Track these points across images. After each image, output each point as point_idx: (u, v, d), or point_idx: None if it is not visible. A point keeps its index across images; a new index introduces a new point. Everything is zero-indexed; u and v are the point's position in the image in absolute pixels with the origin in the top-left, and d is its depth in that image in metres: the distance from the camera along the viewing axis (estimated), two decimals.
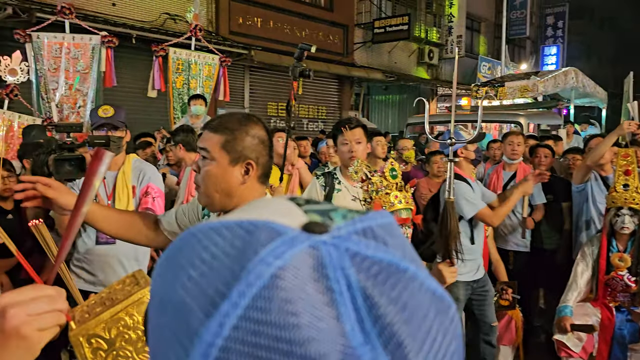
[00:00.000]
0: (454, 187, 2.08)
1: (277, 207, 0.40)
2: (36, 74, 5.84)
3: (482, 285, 3.64)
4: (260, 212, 0.39)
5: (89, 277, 2.97)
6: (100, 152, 1.23)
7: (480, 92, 9.26)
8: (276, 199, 0.42)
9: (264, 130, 1.56)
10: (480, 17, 21.94)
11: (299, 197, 0.42)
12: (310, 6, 14.51)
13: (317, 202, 0.41)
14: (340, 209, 0.40)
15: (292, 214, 0.38)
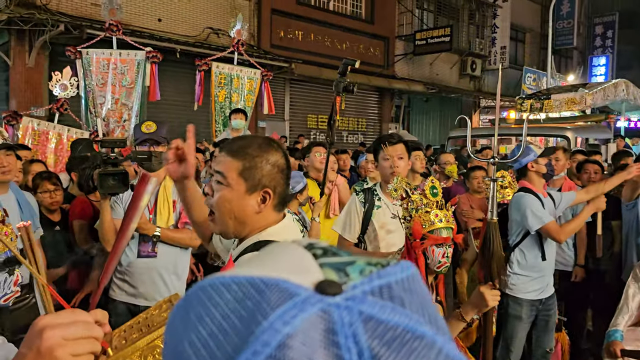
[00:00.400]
0: (496, 205, 2.00)
1: (293, 260, 0.38)
2: (85, 89, 6.04)
3: (548, 308, 3.53)
4: (274, 265, 0.37)
5: (131, 290, 3.01)
6: (145, 177, 1.24)
7: (525, 104, 9.03)
8: (293, 247, 0.40)
9: (284, 157, 1.48)
10: (525, 28, 21.51)
11: (317, 245, 0.39)
12: (351, 19, 14.56)
13: (336, 253, 0.39)
14: (360, 261, 0.37)
15: (307, 269, 0.36)
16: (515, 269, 3.47)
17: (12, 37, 8.97)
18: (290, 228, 1.52)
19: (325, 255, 0.38)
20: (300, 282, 0.34)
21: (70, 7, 9.43)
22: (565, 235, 3.43)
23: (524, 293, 3.46)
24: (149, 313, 1.04)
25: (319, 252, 0.38)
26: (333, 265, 0.36)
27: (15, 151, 2.78)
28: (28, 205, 2.84)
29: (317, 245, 0.39)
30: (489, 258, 1.91)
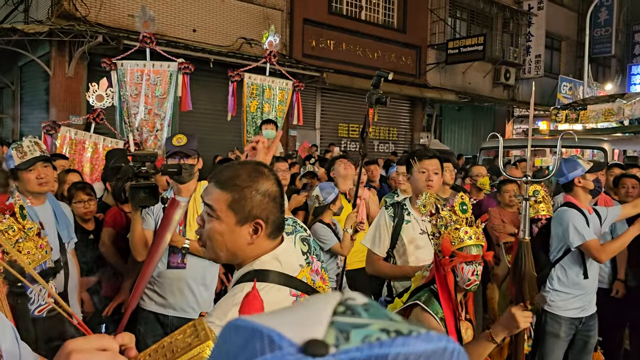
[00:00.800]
0: (530, 227, 1.96)
1: (312, 312, 0.39)
2: (120, 100, 6.19)
3: (588, 328, 3.44)
4: (291, 316, 0.38)
5: (160, 300, 3.05)
6: (174, 202, 1.26)
7: (560, 115, 8.83)
8: (328, 299, 0.40)
9: (275, 185, 1.42)
10: (561, 36, 21.11)
11: (350, 301, 0.39)
12: (383, 28, 14.55)
13: (357, 313, 0.38)
14: (376, 325, 0.37)
15: (315, 324, 0.37)
16: (555, 285, 3.38)
17: (53, 47, 9.28)
18: (287, 253, 1.47)
19: (344, 313, 0.38)
20: (293, 337, 0.35)
21: (108, 19, 9.70)
22: (607, 256, 3.32)
23: (564, 310, 3.37)
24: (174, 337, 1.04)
25: (341, 309, 0.38)
26: (342, 325, 0.36)
27: (52, 162, 2.86)
28: (63, 216, 2.91)
29: (350, 301, 0.39)
30: (521, 278, 1.87)
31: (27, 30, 8.55)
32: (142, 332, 3.05)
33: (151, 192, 2.50)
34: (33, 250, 1.72)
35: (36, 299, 1.75)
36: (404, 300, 2.52)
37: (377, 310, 0.39)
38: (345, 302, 0.39)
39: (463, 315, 2.33)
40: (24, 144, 2.70)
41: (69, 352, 0.76)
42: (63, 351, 0.77)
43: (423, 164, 3.07)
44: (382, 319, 0.38)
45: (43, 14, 9.58)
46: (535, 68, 18.33)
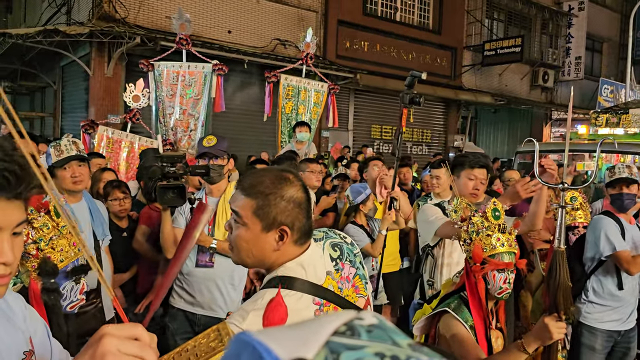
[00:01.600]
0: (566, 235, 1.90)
1: (312, 328, 0.39)
2: (156, 100, 6.31)
3: (628, 340, 3.32)
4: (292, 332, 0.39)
5: (189, 298, 3.10)
6: (202, 206, 1.27)
7: (601, 119, 8.57)
8: (337, 318, 0.39)
9: (301, 191, 1.41)
10: (603, 37, 20.50)
11: (352, 321, 0.38)
12: (418, 29, 14.41)
13: (357, 334, 0.38)
14: (372, 349, 0.36)
15: (310, 343, 0.37)
16: (590, 297, 3.28)
17: (93, 48, 9.53)
18: (312, 260, 1.46)
19: (344, 333, 0.37)
20: (282, 354, 0.36)
21: (146, 20, 9.90)
22: (638, 268, 3.14)
23: (600, 323, 3.26)
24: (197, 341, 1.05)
25: (343, 329, 0.38)
26: (335, 345, 0.36)
27: (88, 161, 2.93)
28: (98, 213, 2.98)
29: (357, 320, 0.39)
30: (555, 288, 1.81)
31: (68, 31, 8.80)
32: (171, 328, 3.11)
33: (179, 192, 2.54)
34: (66, 248, 1.76)
35: (68, 295, 1.80)
36: (433, 307, 2.48)
37: (382, 333, 0.38)
38: (350, 322, 0.38)
39: (494, 324, 2.27)
40: (62, 143, 2.77)
41: (102, 335, 0.79)
42: (97, 334, 0.80)
43: (473, 172, 3.10)
44: (384, 343, 0.37)
45: (84, 16, 9.85)
46: (575, 70, 17.86)
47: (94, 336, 0.80)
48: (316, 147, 8.51)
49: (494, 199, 2.36)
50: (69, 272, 1.79)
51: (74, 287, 1.80)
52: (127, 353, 0.78)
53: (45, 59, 11.01)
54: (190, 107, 6.36)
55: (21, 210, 0.92)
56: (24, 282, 1.67)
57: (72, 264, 1.80)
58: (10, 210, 0.89)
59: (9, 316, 1.09)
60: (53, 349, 1.19)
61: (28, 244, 1.64)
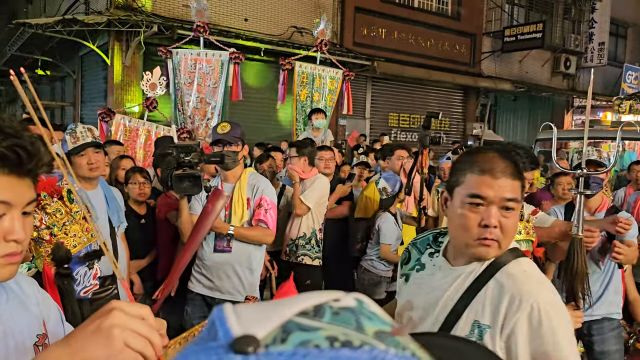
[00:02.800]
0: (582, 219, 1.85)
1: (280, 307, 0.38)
2: (174, 87, 6.33)
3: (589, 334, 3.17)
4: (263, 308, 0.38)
5: (208, 283, 3.14)
6: (217, 192, 1.26)
7: (624, 105, 8.38)
8: (311, 295, 0.38)
9: None
10: (627, 22, 19.99)
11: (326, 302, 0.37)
12: (437, 15, 14.21)
13: (320, 316, 0.36)
14: (328, 331, 0.34)
15: (269, 320, 0.36)
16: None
17: (111, 37, 9.58)
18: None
19: (308, 314, 0.36)
20: (236, 331, 0.35)
21: (164, 9, 9.92)
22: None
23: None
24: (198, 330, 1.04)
25: (309, 309, 0.36)
26: (292, 325, 0.35)
27: (104, 148, 2.95)
28: (114, 200, 3.00)
29: (332, 302, 0.37)
30: (572, 277, 1.77)
31: (87, 20, 8.86)
32: (189, 312, 3.16)
33: (194, 181, 2.55)
34: (79, 233, 1.77)
35: (82, 280, 1.81)
36: None
37: (350, 316, 0.36)
38: (323, 303, 0.37)
39: None
40: (77, 130, 2.79)
41: (112, 308, 0.79)
42: (106, 307, 0.80)
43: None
44: (345, 326, 0.35)
45: (102, 6, 9.90)
46: (598, 56, 17.46)
47: (103, 309, 0.80)
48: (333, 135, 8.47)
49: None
50: (82, 258, 1.79)
51: (87, 273, 1.81)
52: (135, 330, 0.78)
53: (64, 49, 11.11)
54: (207, 95, 6.37)
55: (31, 189, 0.94)
56: (38, 267, 1.69)
57: (85, 249, 1.81)
58: (21, 188, 0.91)
59: (22, 300, 1.10)
60: (67, 332, 1.20)
61: (41, 229, 1.65)
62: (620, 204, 4.61)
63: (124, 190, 3.69)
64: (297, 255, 4.15)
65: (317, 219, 4.19)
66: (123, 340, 0.77)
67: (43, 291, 1.21)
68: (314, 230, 4.17)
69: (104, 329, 0.77)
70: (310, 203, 4.07)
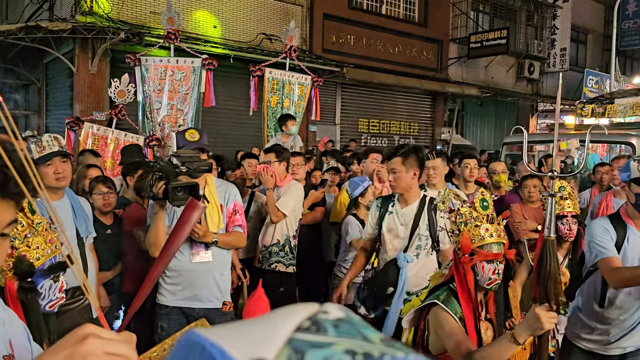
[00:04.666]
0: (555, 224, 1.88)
1: (271, 325, 0.35)
2: (143, 95, 6.23)
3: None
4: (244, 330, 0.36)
5: (186, 294, 3.02)
6: (193, 203, 1.23)
7: (586, 109, 8.62)
8: (294, 310, 0.37)
9: None
10: (587, 28, 20.64)
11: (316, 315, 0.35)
12: (404, 22, 14.40)
13: (323, 330, 0.34)
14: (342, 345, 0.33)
15: (270, 341, 0.33)
16: (574, 306, 2.92)
17: (76, 45, 9.39)
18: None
19: (308, 329, 0.34)
20: (238, 356, 0.32)
21: (130, 16, 9.78)
22: (618, 281, 2.53)
23: (577, 339, 2.88)
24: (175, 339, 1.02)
25: (307, 324, 0.34)
26: (299, 343, 0.33)
27: (70, 158, 2.88)
28: (81, 210, 2.92)
29: (321, 314, 0.35)
30: (545, 278, 1.80)
31: (51, 27, 8.66)
32: (165, 328, 3.02)
33: (193, 190, 2.53)
34: (42, 245, 1.71)
35: (47, 294, 1.75)
36: (422, 299, 2.46)
37: (350, 328, 0.35)
38: (314, 316, 0.35)
39: (483, 315, 2.26)
40: (43, 139, 2.72)
41: (86, 335, 0.75)
42: (79, 332, 0.76)
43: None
44: (353, 338, 0.33)
45: (67, 12, 9.70)
46: (560, 62, 17.96)
47: (75, 334, 0.76)
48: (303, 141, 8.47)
49: (482, 189, 2.35)
50: (47, 270, 1.74)
51: (52, 286, 1.75)
52: (113, 353, 0.75)
53: (28, 56, 10.83)
54: (178, 102, 6.29)
55: (12, 211, 0.90)
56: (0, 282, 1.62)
57: (49, 261, 1.75)
58: (1, 209, 0.88)
59: None
60: (34, 352, 1.16)
61: None
62: (586, 206, 4.72)
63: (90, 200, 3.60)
64: (270, 263, 4.12)
65: (292, 226, 4.17)
66: None
67: (9, 310, 1.17)
68: (288, 236, 4.15)
69: (77, 358, 0.74)
70: (286, 210, 4.05)
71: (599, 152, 9.46)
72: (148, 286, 1.64)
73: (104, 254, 3.45)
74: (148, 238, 2.90)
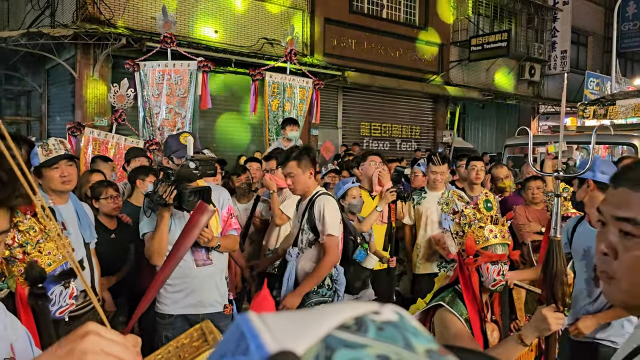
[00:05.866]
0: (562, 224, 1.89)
1: (317, 319, 0.34)
2: (142, 100, 6.25)
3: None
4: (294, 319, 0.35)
5: (191, 301, 2.98)
6: (202, 207, 1.21)
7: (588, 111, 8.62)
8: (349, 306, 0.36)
9: None
10: (587, 31, 20.67)
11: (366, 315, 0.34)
12: (405, 26, 14.42)
13: (364, 331, 0.33)
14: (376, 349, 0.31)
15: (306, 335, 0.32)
16: None
17: (78, 51, 9.42)
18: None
19: (349, 328, 0.33)
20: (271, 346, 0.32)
21: (132, 22, 9.81)
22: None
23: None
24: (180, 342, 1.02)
25: (350, 323, 0.33)
26: (334, 341, 0.32)
27: (76, 161, 2.88)
28: (85, 215, 2.92)
29: (372, 315, 0.34)
30: (552, 278, 1.80)
31: (53, 34, 8.68)
32: (170, 337, 2.96)
33: (206, 194, 2.54)
34: (54, 251, 1.71)
35: (57, 300, 1.75)
36: (427, 301, 2.46)
37: (396, 333, 0.33)
38: (363, 316, 0.34)
39: (489, 317, 2.26)
40: (49, 142, 2.73)
41: (87, 332, 0.76)
42: (81, 330, 0.77)
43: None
44: (393, 344, 0.32)
45: (68, 18, 9.73)
46: (561, 64, 17.98)
47: (78, 331, 0.77)
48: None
49: (486, 190, 2.35)
50: (57, 276, 1.74)
51: (62, 292, 1.75)
52: (111, 353, 0.76)
53: (30, 63, 10.86)
54: (177, 105, 6.31)
55: (5, 219, 0.90)
56: (11, 287, 1.63)
57: (60, 267, 1.75)
58: None
59: None
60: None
61: (14, 247, 1.60)
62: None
63: (94, 206, 3.59)
64: (274, 265, 4.12)
65: None
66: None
67: (11, 315, 1.18)
68: None
69: (76, 354, 0.74)
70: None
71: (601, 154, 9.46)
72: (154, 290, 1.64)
73: (108, 259, 3.43)
74: (151, 245, 2.81)
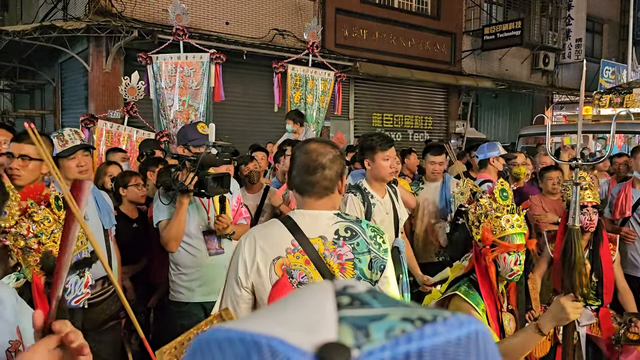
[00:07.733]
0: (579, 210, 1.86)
1: (309, 309, 0.32)
2: (156, 93, 6.27)
3: None
4: (285, 315, 0.31)
5: (205, 289, 3.00)
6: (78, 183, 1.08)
7: (604, 99, 8.49)
8: (322, 290, 0.33)
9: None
10: (603, 18, 20.33)
11: (349, 290, 0.33)
12: (417, 15, 14.29)
13: (367, 303, 0.32)
14: (394, 315, 0.30)
15: (319, 323, 0.30)
16: None
17: (90, 44, 9.46)
18: (314, 216, 1.72)
19: (351, 305, 0.32)
20: (299, 343, 0.28)
21: (143, 14, 9.82)
22: None
23: None
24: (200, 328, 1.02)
25: (346, 300, 0.32)
26: (354, 320, 0.30)
27: (91, 152, 2.92)
28: (104, 202, 2.96)
29: (351, 289, 0.33)
30: (571, 267, 1.77)
31: (65, 27, 8.73)
32: (186, 325, 3.01)
33: (227, 180, 2.60)
34: None
35: (73, 289, 1.76)
36: (442, 291, 2.45)
37: (385, 297, 0.32)
38: (346, 291, 0.33)
39: (505, 306, 2.24)
40: (65, 133, 2.77)
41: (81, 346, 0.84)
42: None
43: (386, 153, 3.34)
44: (397, 307, 0.31)
45: (81, 11, 9.77)
46: (575, 52, 17.72)
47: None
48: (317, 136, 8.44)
49: (501, 179, 2.32)
50: (73, 266, 1.75)
51: (78, 281, 1.77)
52: None
53: (43, 56, 10.93)
54: (190, 98, 6.32)
55: None
56: (27, 277, 1.64)
57: (75, 257, 1.76)
58: None
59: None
60: None
61: (29, 238, 1.61)
62: (605, 197, 4.65)
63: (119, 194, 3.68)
64: None
65: None
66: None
67: (22, 301, 1.21)
68: None
69: None
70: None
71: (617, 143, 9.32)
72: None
73: (129, 248, 3.47)
74: (169, 232, 2.83)
